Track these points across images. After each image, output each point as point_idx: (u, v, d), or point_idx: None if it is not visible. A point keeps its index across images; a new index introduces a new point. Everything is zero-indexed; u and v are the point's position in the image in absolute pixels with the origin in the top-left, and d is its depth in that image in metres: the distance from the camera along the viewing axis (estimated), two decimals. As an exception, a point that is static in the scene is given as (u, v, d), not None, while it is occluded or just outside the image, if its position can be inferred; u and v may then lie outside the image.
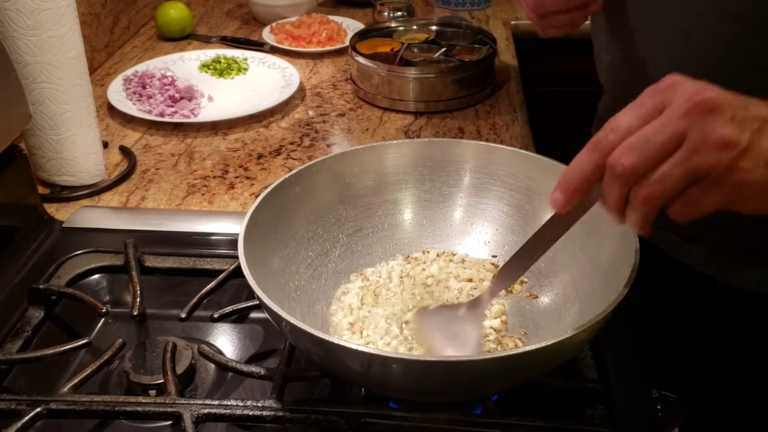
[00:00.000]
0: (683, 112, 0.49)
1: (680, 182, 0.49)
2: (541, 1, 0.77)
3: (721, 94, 0.50)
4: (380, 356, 0.57)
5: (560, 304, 0.72)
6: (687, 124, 0.49)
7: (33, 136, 0.98)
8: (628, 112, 0.52)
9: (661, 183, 0.50)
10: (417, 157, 0.82)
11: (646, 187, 0.50)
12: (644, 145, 0.50)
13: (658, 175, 0.50)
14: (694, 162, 0.49)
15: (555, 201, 0.55)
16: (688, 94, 0.49)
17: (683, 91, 0.50)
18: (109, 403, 0.66)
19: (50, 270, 0.84)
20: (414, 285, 0.77)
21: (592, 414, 0.67)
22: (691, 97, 0.49)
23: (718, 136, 0.48)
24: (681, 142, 0.49)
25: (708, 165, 0.48)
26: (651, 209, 0.51)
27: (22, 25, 0.89)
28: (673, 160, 0.49)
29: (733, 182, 0.49)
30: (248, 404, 0.65)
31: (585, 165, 0.53)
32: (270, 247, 0.73)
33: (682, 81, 0.51)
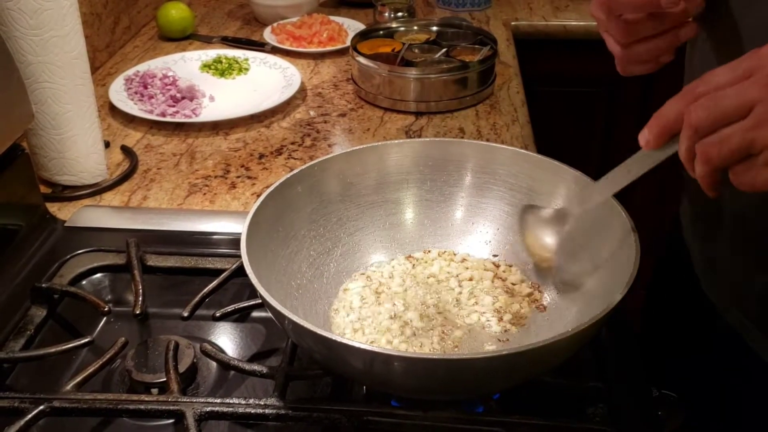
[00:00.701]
0: (760, 83, 0.49)
1: (737, 150, 0.50)
2: (632, 27, 0.66)
3: None
4: (382, 354, 0.57)
5: (561, 303, 0.72)
6: (759, 96, 0.49)
7: (35, 136, 0.98)
8: (723, 69, 0.52)
9: (718, 145, 0.50)
10: (418, 157, 0.83)
11: (706, 144, 0.51)
12: (716, 104, 0.50)
13: (718, 136, 0.50)
14: (753, 135, 0.49)
15: (642, 137, 0.57)
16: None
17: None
18: (111, 401, 0.66)
19: (52, 269, 0.84)
20: (416, 284, 0.77)
21: (592, 413, 0.67)
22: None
23: None
24: (750, 111, 0.49)
25: (765, 141, 0.48)
26: (710, 168, 0.52)
27: (24, 24, 0.89)
28: (736, 127, 0.50)
29: None
30: (250, 402, 0.66)
31: (670, 109, 0.54)
32: (272, 246, 0.73)
33: None
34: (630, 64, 0.70)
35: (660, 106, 0.58)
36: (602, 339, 0.72)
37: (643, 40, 0.67)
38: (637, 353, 0.73)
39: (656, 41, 0.67)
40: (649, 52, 0.68)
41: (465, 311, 0.73)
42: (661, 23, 0.66)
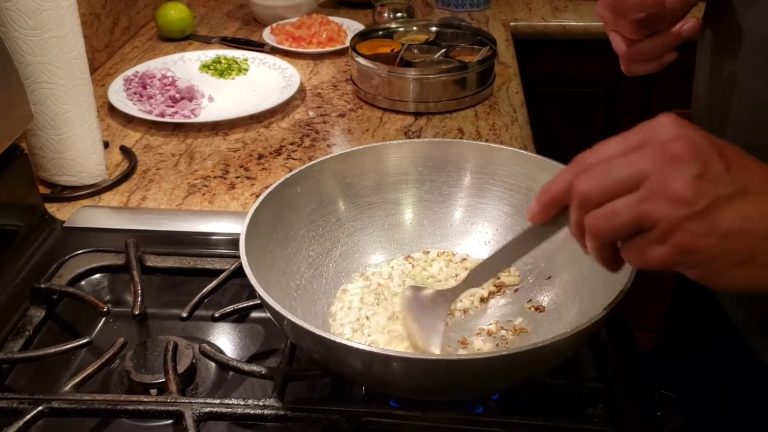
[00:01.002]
0: (653, 153, 0.47)
1: (627, 224, 0.47)
2: (637, 26, 0.67)
3: (703, 147, 0.46)
4: (381, 355, 0.57)
5: (560, 303, 0.72)
6: (650, 168, 0.46)
7: (34, 136, 0.98)
8: (614, 139, 0.50)
9: (607, 218, 0.48)
10: (417, 158, 0.83)
11: (594, 217, 0.49)
12: (605, 175, 0.48)
13: (607, 209, 0.48)
14: (644, 209, 0.46)
15: (529, 211, 0.55)
16: (667, 137, 0.47)
17: (665, 133, 0.47)
18: (110, 401, 0.66)
19: (51, 269, 0.84)
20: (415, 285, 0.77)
21: (592, 413, 0.67)
22: (667, 141, 0.47)
23: (672, 190, 0.45)
24: (641, 184, 0.47)
25: (657, 216, 0.46)
26: (600, 242, 0.50)
27: (23, 25, 0.89)
28: (625, 200, 0.47)
29: (678, 243, 0.46)
30: (249, 403, 0.66)
31: (560, 181, 0.52)
32: (271, 247, 0.73)
33: (673, 122, 0.48)
34: (634, 63, 0.70)
35: (659, 106, 0.58)
36: (602, 339, 0.72)
37: (647, 39, 0.68)
38: (636, 353, 0.73)
39: (660, 39, 0.67)
40: (653, 51, 0.68)
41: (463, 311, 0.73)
42: (665, 21, 0.66)
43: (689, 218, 0.45)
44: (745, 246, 0.46)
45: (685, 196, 0.45)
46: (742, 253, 0.46)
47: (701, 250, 0.46)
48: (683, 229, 0.45)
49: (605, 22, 0.70)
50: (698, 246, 0.46)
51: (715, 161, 0.46)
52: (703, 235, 0.46)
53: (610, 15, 0.68)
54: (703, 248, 0.46)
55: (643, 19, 0.66)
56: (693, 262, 0.47)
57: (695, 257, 0.46)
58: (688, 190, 0.45)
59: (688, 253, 0.46)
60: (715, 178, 0.46)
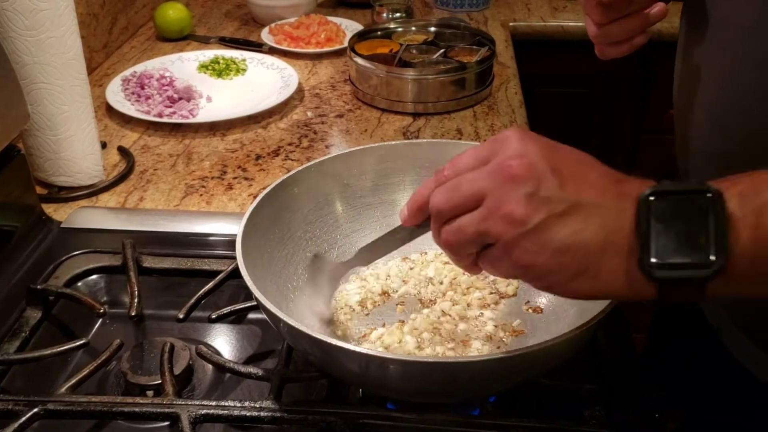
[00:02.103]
0: (492, 172, 0.50)
1: (473, 238, 0.50)
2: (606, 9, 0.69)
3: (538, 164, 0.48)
4: (377, 357, 0.57)
5: (558, 305, 0.72)
6: (490, 186, 0.49)
7: (31, 137, 0.97)
8: (469, 152, 0.53)
9: (456, 233, 0.51)
10: (415, 159, 0.82)
11: (445, 232, 0.52)
12: (453, 192, 0.51)
13: (456, 224, 0.51)
14: (484, 226, 0.49)
15: (402, 214, 0.58)
16: (507, 155, 0.49)
17: (507, 150, 0.50)
18: (106, 403, 0.66)
19: (48, 270, 0.84)
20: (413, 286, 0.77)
21: (590, 415, 0.66)
22: (505, 160, 0.49)
23: (507, 210, 0.48)
24: (482, 201, 0.50)
25: (495, 233, 0.49)
26: (455, 254, 0.53)
27: (20, 25, 0.89)
28: (470, 217, 0.50)
29: (516, 259, 0.49)
30: (246, 405, 0.65)
31: (424, 191, 0.55)
32: (268, 248, 0.73)
33: (517, 137, 0.50)
34: (605, 46, 0.73)
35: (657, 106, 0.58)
36: (600, 341, 0.72)
37: (616, 21, 0.70)
38: (635, 355, 0.73)
39: (629, 21, 0.70)
40: (621, 33, 0.71)
41: (461, 313, 0.73)
42: (631, 3, 0.69)
43: (523, 236, 0.48)
44: (577, 260, 0.48)
45: (518, 215, 0.48)
46: (575, 266, 0.48)
47: (537, 266, 0.49)
48: (519, 247, 0.48)
49: (582, 8, 0.73)
50: (534, 262, 0.48)
51: (548, 179, 0.48)
52: (536, 252, 0.48)
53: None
54: (539, 264, 0.48)
55: (611, 3, 0.68)
56: (533, 276, 0.50)
57: (533, 271, 0.49)
58: (521, 209, 0.48)
59: (526, 268, 0.49)
60: (547, 196, 0.48)
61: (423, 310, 0.73)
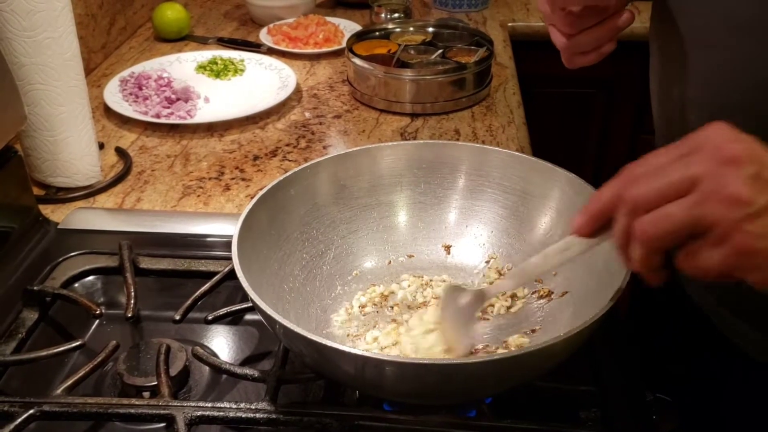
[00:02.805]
0: (705, 158, 0.46)
1: (681, 227, 0.46)
2: (575, 19, 0.69)
3: (757, 149, 0.46)
4: (373, 359, 0.57)
5: (554, 306, 0.72)
6: (705, 171, 0.46)
7: (28, 138, 0.97)
8: (664, 149, 0.49)
9: (661, 221, 0.47)
10: (412, 159, 0.82)
11: (645, 222, 0.48)
12: (657, 180, 0.48)
13: (661, 212, 0.47)
14: (700, 211, 0.45)
15: (575, 223, 0.54)
16: (718, 142, 0.47)
17: (716, 138, 0.47)
18: (102, 404, 0.66)
19: (45, 271, 0.84)
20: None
21: (586, 417, 0.66)
22: (719, 145, 0.46)
23: (730, 191, 0.45)
24: (694, 188, 0.46)
25: (713, 218, 0.45)
26: (649, 249, 0.48)
27: (17, 26, 0.89)
28: (680, 203, 0.46)
29: (737, 245, 0.45)
30: (241, 406, 0.65)
31: (606, 192, 0.51)
32: (264, 249, 0.73)
33: (725, 127, 0.48)
34: (574, 56, 0.72)
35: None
36: (596, 342, 0.72)
37: (585, 31, 0.69)
38: (631, 357, 0.73)
39: (597, 31, 0.69)
40: (591, 43, 0.70)
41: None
42: (601, 13, 0.68)
43: (747, 219, 0.44)
44: None
45: (742, 196, 0.44)
46: None
47: (760, 252, 0.45)
48: (741, 231, 0.45)
49: (545, 17, 0.71)
50: (758, 247, 0.45)
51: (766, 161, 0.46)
52: (762, 236, 0.45)
53: (548, 9, 0.69)
54: (762, 249, 0.45)
55: (580, 12, 0.67)
56: (752, 265, 0.46)
57: (755, 260, 0.45)
58: (746, 190, 0.44)
59: (747, 256, 0.45)
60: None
61: (418, 312, 0.73)
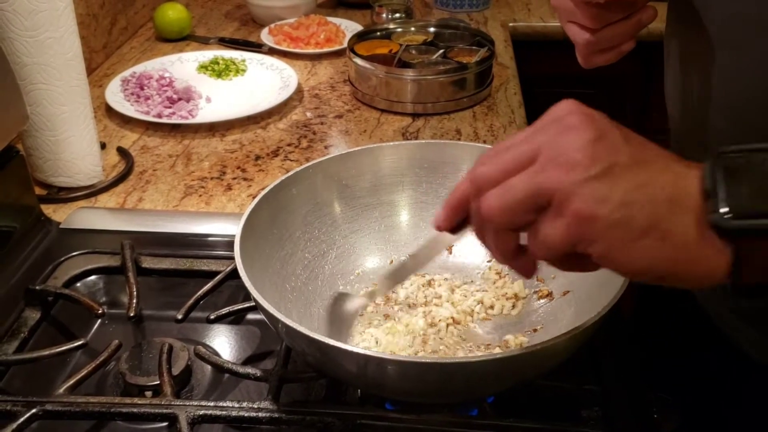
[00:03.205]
0: (548, 129, 0.45)
1: (524, 197, 0.44)
2: (601, 12, 0.66)
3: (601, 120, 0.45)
4: (375, 357, 0.57)
5: (556, 306, 0.72)
6: (545, 141, 0.45)
7: (30, 137, 0.98)
8: (519, 132, 0.48)
9: (504, 194, 0.45)
10: (413, 159, 0.82)
11: (491, 197, 0.46)
12: (501, 155, 0.46)
13: (503, 186, 0.45)
14: (538, 179, 0.44)
15: (436, 220, 0.53)
16: (560, 114, 0.45)
17: (559, 111, 0.46)
18: (104, 404, 0.66)
19: (47, 271, 0.84)
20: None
21: (587, 416, 0.66)
22: (560, 117, 0.45)
23: (567, 156, 0.43)
24: (537, 157, 0.45)
25: (552, 185, 0.43)
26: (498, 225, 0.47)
27: (19, 26, 0.89)
28: (521, 174, 0.45)
29: (576, 210, 0.43)
30: (244, 405, 0.65)
31: (461, 182, 0.49)
32: (266, 249, 0.73)
33: (572, 102, 0.46)
34: (593, 54, 0.69)
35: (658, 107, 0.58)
36: (598, 341, 0.72)
37: (609, 26, 0.67)
38: (632, 356, 0.73)
39: (620, 26, 0.67)
40: (614, 38, 0.67)
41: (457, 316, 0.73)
42: (628, 7, 0.66)
43: (585, 182, 0.43)
44: (644, 214, 0.43)
45: (578, 159, 0.43)
46: (642, 222, 0.43)
47: (600, 218, 0.43)
48: (579, 195, 0.43)
49: (560, 14, 0.69)
50: (596, 213, 0.43)
51: (612, 131, 0.45)
52: (600, 200, 0.43)
53: (570, 4, 0.67)
54: (602, 215, 0.43)
55: (606, 5, 0.65)
56: (594, 234, 0.43)
57: (594, 227, 0.43)
58: (582, 153, 0.43)
59: (587, 222, 0.43)
60: (613, 145, 0.44)
61: (419, 311, 0.73)
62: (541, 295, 0.74)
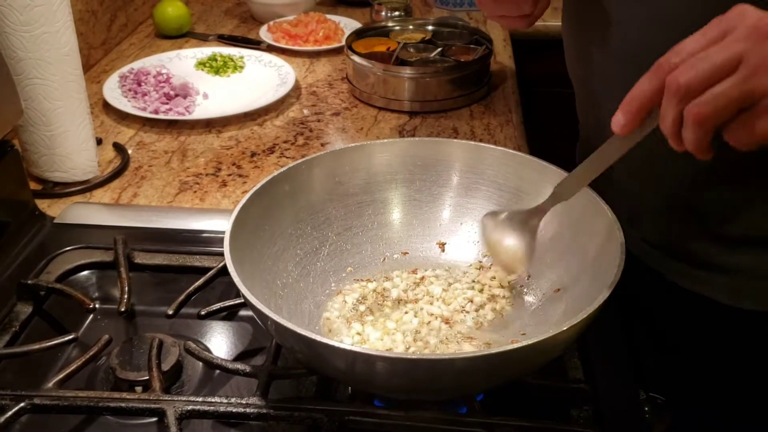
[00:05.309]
0: (744, 36, 0.49)
1: (733, 103, 0.49)
2: None
3: None
4: (363, 354, 0.57)
5: (547, 303, 0.72)
6: (747, 47, 0.49)
7: (26, 132, 0.98)
8: (693, 37, 0.52)
9: (714, 102, 0.49)
10: (407, 157, 0.82)
11: (699, 105, 0.50)
12: (702, 64, 0.50)
13: (711, 93, 0.50)
14: (750, 84, 0.49)
15: (616, 122, 0.55)
16: (753, 20, 0.50)
17: (748, 17, 0.50)
18: (92, 398, 0.66)
19: (40, 265, 0.84)
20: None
21: (577, 415, 0.66)
22: (755, 23, 0.49)
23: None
24: (739, 65, 0.49)
25: (763, 88, 0.48)
26: (704, 130, 0.51)
27: (14, 20, 0.89)
28: (729, 81, 0.49)
29: None
30: (232, 401, 0.65)
31: (645, 86, 0.53)
32: (257, 245, 0.73)
33: (750, 8, 0.51)
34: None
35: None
36: (588, 340, 0.72)
37: None
38: (623, 354, 0.73)
39: None
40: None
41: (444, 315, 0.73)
42: None
43: None
44: None
45: None
46: None
47: None
48: None
49: (485, 7, 0.75)
50: None
51: None
52: None
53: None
54: None
55: None
56: None
57: None
58: None
59: None
60: None
61: (410, 308, 0.73)
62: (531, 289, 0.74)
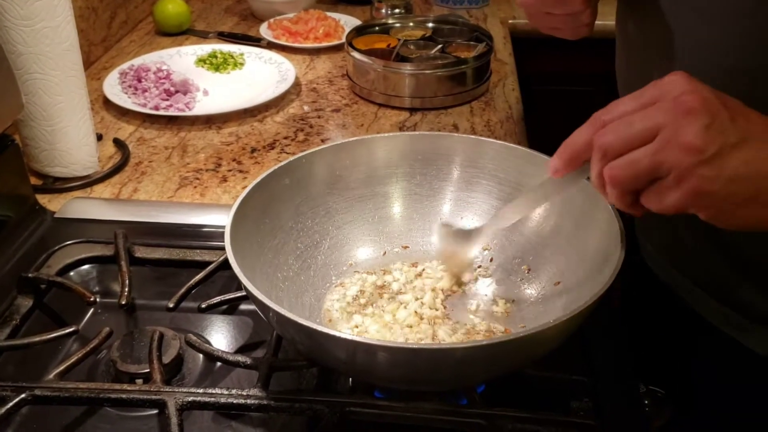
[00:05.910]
0: (666, 108, 0.52)
1: (645, 171, 0.52)
2: None
3: (712, 100, 0.51)
4: (364, 343, 0.57)
5: (547, 295, 0.72)
6: (666, 120, 0.51)
7: (26, 127, 0.98)
8: (628, 97, 0.54)
9: (627, 168, 0.52)
10: (407, 151, 0.82)
11: (613, 168, 0.53)
12: (624, 129, 0.53)
13: (626, 158, 0.52)
14: (660, 156, 0.51)
15: (552, 165, 0.59)
16: (679, 92, 0.52)
17: (677, 88, 0.52)
18: (93, 390, 0.66)
19: (41, 259, 0.84)
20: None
21: (577, 406, 0.66)
22: (679, 96, 0.51)
23: (685, 140, 0.50)
24: (656, 135, 0.51)
25: (671, 163, 0.51)
26: (620, 191, 0.54)
27: (15, 15, 0.89)
28: (644, 150, 0.52)
29: (692, 187, 0.51)
30: (233, 393, 0.65)
31: (579, 137, 0.56)
32: (258, 238, 0.73)
33: (684, 78, 0.53)
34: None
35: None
36: (588, 332, 0.72)
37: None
38: (624, 347, 0.73)
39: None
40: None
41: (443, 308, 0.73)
42: None
43: (700, 164, 0.50)
44: (749, 187, 0.51)
45: (696, 145, 0.50)
46: (747, 193, 0.51)
47: (711, 193, 0.51)
48: (695, 174, 0.50)
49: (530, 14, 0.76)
50: (708, 189, 0.51)
51: (722, 113, 0.51)
52: (712, 179, 0.50)
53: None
54: (713, 191, 0.51)
55: None
56: (704, 205, 0.52)
57: (706, 200, 0.51)
58: (699, 139, 0.50)
59: (700, 196, 0.51)
60: (722, 127, 0.50)
61: (409, 300, 0.73)
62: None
